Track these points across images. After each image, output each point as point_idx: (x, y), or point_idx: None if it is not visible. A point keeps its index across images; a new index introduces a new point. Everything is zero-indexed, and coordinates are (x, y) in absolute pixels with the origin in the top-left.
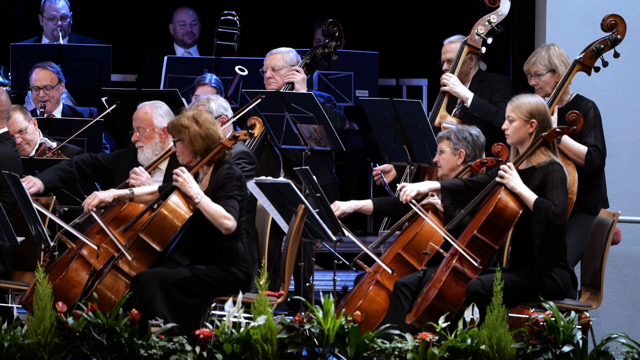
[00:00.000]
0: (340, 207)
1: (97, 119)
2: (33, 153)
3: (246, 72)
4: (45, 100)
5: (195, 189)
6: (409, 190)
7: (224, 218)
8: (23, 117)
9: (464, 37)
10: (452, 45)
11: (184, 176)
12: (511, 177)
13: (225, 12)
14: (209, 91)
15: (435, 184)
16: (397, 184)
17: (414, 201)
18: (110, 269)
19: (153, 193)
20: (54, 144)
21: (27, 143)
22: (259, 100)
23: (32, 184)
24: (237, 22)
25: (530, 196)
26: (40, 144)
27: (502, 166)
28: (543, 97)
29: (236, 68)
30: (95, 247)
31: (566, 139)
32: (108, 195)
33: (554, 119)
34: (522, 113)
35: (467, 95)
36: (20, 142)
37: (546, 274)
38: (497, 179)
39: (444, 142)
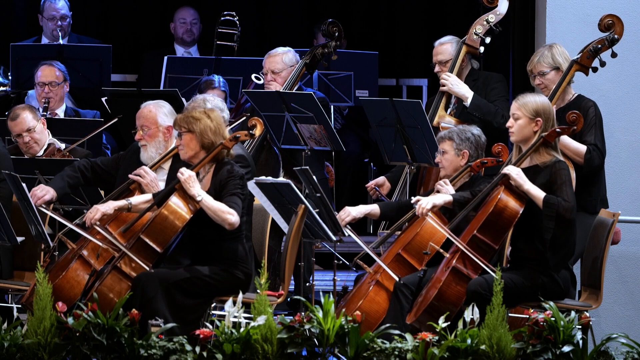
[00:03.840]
0: (350, 212)
1: (106, 126)
2: (41, 153)
3: (262, 82)
4: (49, 97)
5: (197, 189)
6: (424, 203)
7: (227, 213)
8: (32, 116)
9: (454, 37)
10: (443, 47)
11: (188, 174)
12: (518, 175)
13: (226, 12)
14: (218, 94)
15: (448, 197)
16: (412, 198)
17: (430, 214)
18: (111, 270)
19: (149, 201)
20: (63, 145)
21: (35, 142)
22: (244, 118)
23: (45, 192)
24: (237, 22)
25: (539, 194)
26: (49, 144)
27: (507, 167)
28: (546, 96)
29: (253, 76)
30: (100, 244)
31: (565, 137)
32: (109, 207)
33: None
34: (528, 111)
35: (466, 94)
36: (28, 140)
37: (556, 271)
38: (505, 170)
39: (446, 142)
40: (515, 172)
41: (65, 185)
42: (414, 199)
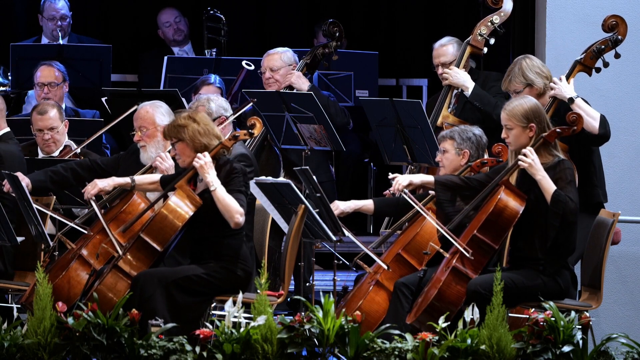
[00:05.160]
0: (339, 206)
1: (112, 124)
2: (57, 153)
3: (253, 67)
4: (48, 98)
5: (212, 176)
6: (401, 180)
7: (237, 212)
8: (59, 115)
9: (454, 38)
10: (444, 48)
11: (206, 160)
12: (532, 162)
13: (209, 8)
14: (213, 91)
15: (429, 178)
16: (389, 174)
17: (406, 191)
18: (111, 269)
19: (154, 182)
20: (79, 150)
21: (54, 142)
22: (251, 104)
23: (20, 178)
24: (222, 17)
25: (550, 186)
26: (65, 146)
27: (523, 150)
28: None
29: (243, 63)
30: (86, 231)
31: (580, 102)
32: (108, 183)
33: (570, 86)
34: (518, 119)
35: (467, 84)
36: (48, 139)
37: (551, 270)
38: (519, 162)
39: (448, 141)
40: (529, 161)
41: (47, 179)
42: (391, 175)
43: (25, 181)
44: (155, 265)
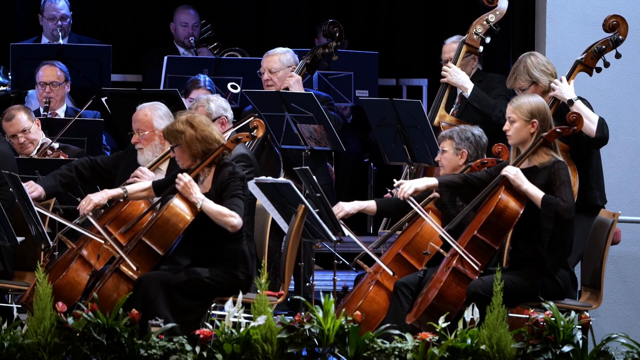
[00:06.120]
0: (344, 208)
1: (74, 118)
2: (35, 152)
3: (239, 90)
4: (50, 97)
5: (197, 194)
6: (406, 187)
7: (229, 216)
8: (27, 117)
9: (463, 37)
10: (453, 45)
11: (185, 180)
12: (516, 175)
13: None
14: (204, 93)
15: (433, 180)
16: (394, 180)
17: (411, 198)
18: (113, 273)
19: (146, 189)
20: (56, 145)
21: (30, 142)
22: (252, 118)
23: (33, 188)
24: (210, 28)
25: (538, 193)
26: (42, 144)
27: (505, 167)
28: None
29: (228, 85)
30: (102, 242)
31: (579, 105)
32: (102, 197)
33: (571, 88)
34: (523, 113)
35: (466, 85)
36: (24, 141)
37: (554, 271)
38: (503, 172)
39: (447, 141)
40: (513, 172)
41: (57, 184)
42: (396, 182)
43: (38, 190)
44: (156, 267)
